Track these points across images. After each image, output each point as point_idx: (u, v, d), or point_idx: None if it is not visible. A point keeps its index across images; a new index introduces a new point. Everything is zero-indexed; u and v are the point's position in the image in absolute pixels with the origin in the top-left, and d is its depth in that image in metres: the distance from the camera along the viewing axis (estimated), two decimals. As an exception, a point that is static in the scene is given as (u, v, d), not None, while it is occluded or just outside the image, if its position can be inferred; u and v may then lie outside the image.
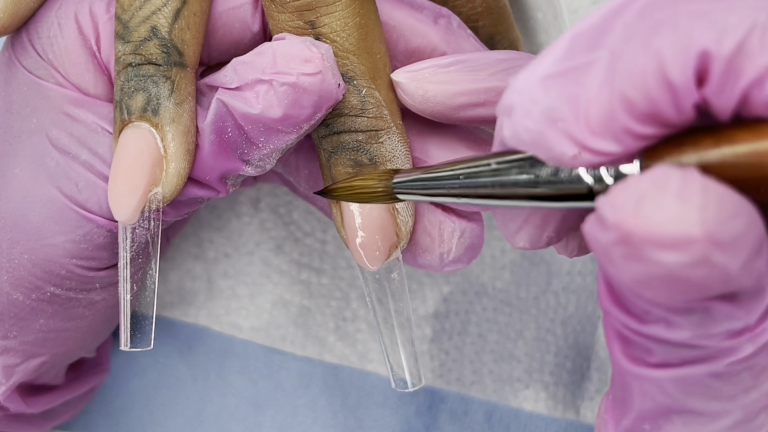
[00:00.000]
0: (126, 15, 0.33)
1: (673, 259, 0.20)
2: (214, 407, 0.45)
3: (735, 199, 0.21)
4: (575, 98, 0.24)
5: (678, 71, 0.22)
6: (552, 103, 0.24)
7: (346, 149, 0.34)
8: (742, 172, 0.22)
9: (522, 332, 0.45)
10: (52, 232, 0.34)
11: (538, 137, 0.25)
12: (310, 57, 0.31)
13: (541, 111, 0.24)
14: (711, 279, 0.21)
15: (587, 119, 0.24)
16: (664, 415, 0.26)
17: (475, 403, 0.45)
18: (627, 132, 0.24)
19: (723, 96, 0.22)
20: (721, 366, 0.24)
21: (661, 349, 0.25)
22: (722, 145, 0.22)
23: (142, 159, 0.32)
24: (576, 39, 0.25)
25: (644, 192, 0.21)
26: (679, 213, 0.20)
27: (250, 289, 0.45)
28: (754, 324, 0.24)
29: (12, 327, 0.37)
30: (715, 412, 0.25)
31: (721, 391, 0.24)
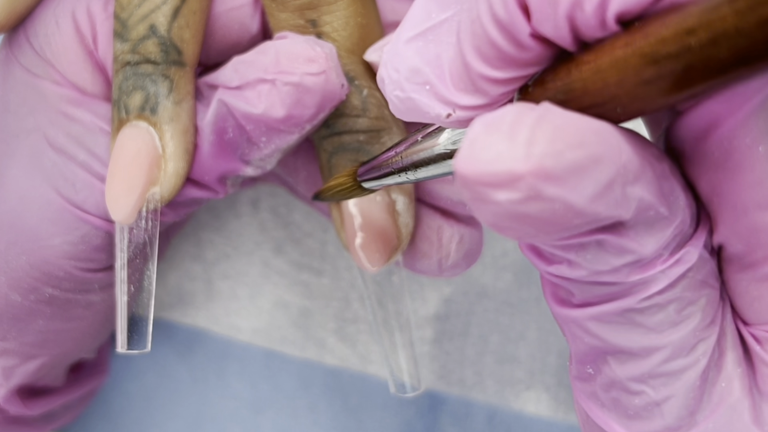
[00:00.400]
0: (125, 13, 0.32)
1: (505, 197, 0.20)
2: (214, 409, 0.45)
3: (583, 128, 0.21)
4: (437, 58, 0.24)
5: (502, 8, 0.22)
6: (414, 66, 0.24)
7: (347, 150, 0.34)
8: (592, 97, 0.22)
9: (523, 333, 0.45)
10: (49, 234, 0.34)
11: (411, 104, 0.25)
12: (313, 56, 0.31)
13: (405, 78, 0.24)
14: (557, 213, 0.21)
15: (451, 76, 0.24)
16: (599, 356, 0.26)
17: (476, 405, 0.45)
18: (486, 80, 0.23)
19: (550, 25, 0.22)
20: (635, 301, 0.24)
21: (579, 289, 0.25)
22: (572, 73, 0.23)
23: (140, 158, 0.32)
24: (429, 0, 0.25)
25: (477, 133, 0.21)
26: (504, 150, 0.20)
27: (249, 290, 0.45)
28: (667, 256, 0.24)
29: (11, 328, 0.37)
30: (644, 348, 0.25)
31: (645, 327, 0.24)
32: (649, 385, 0.25)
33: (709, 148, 0.24)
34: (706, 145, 0.24)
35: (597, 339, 0.25)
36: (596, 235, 0.23)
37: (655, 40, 0.20)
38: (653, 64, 0.21)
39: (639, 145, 0.23)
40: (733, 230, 0.24)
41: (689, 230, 0.24)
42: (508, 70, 0.23)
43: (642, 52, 0.21)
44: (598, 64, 0.22)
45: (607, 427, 0.27)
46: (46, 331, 0.37)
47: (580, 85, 0.22)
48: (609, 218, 0.22)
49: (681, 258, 0.24)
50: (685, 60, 0.20)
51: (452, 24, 0.24)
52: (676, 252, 0.24)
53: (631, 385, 0.25)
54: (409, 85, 0.24)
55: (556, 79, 0.23)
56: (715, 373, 0.25)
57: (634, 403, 0.26)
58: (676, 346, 0.25)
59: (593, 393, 0.27)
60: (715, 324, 0.25)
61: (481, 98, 0.24)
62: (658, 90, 0.21)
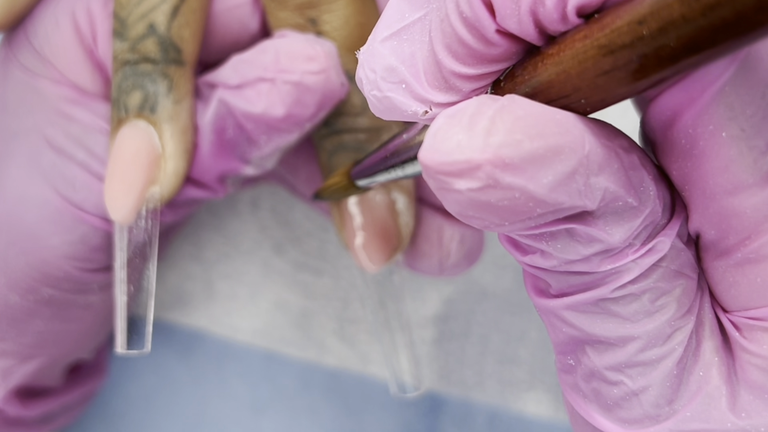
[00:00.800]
0: (124, 12, 0.32)
1: (465, 186, 0.21)
2: (214, 410, 0.45)
3: (544, 119, 0.21)
4: (411, 57, 0.25)
5: (467, 6, 0.23)
6: (389, 65, 0.25)
7: (347, 149, 0.34)
8: (557, 89, 0.23)
9: (524, 334, 0.45)
10: (48, 234, 0.34)
11: (388, 103, 0.25)
12: (313, 55, 0.31)
13: (381, 77, 0.25)
14: (518, 202, 0.21)
15: (425, 75, 0.24)
16: (578, 346, 0.26)
17: (476, 406, 0.45)
18: (458, 77, 0.24)
19: (514, 21, 0.22)
20: (608, 291, 0.24)
21: (554, 279, 0.25)
22: (538, 67, 0.23)
23: (139, 158, 0.32)
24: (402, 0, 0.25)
25: (439, 125, 0.22)
26: (463, 140, 0.21)
27: (249, 290, 0.45)
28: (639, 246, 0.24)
29: (9, 329, 0.36)
30: (620, 338, 0.25)
31: (620, 316, 0.25)
32: (626, 374, 0.25)
33: (675, 137, 0.24)
34: (672, 133, 0.24)
35: (574, 329, 0.26)
36: (564, 224, 0.23)
37: (610, 31, 0.21)
38: (609, 54, 0.21)
39: (605, 136, 0.23)
40: (705, 217, 0.25)
41: (662, 220, 0.25)
42: (478, 66, 0.24)
43: (599, 43, 0.21)
44: (560, 57, 0.22)
45: (589, 418, 0.27)
46: (44, 332, 0.37)
47: (546, 78, 0.23)
48: (573, 208, 0.22)
49: (653, 248, 0.24)
50: (638, 49, 0.20)
51: (425, 23, 0.25)
52: (648, 242, 0.24)
53: (609, 375, 0.26)
54: (385, 84, 0.25)
55: (525, 73, 0.23)
56: (692, 362, 0.25)
57: (613, 393, 0.26)
58: (652, 335, 0.25)
59: (575, 384, 0.27)
60: (691, 314, 0.25)
61: (454, 95, 0.24)
62: (616, 80, 0.21)
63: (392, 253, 0.34)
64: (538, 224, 0.23)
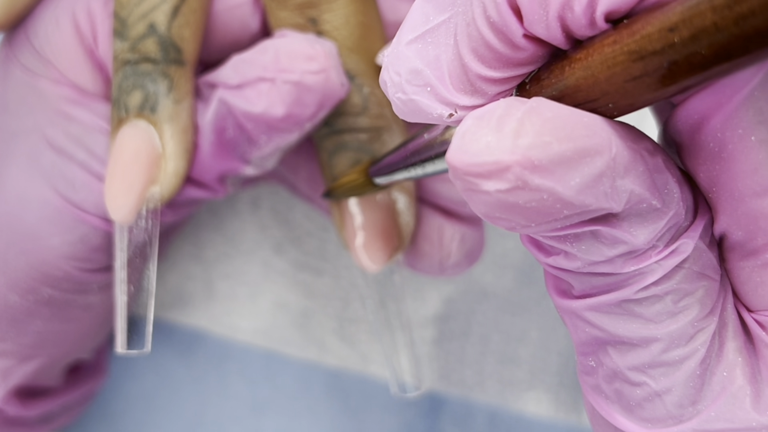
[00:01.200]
0: (124, 12, 0.32)
1: (494, 187, 0.21)
2: (214, 410, 0.45)
3: (572, 122, 0.22)
4: (436, 60, 0.25)
5: (494, 11, 0.23)
6: (414, 68, 0.25)
7: (348, 148, 0.34)
8: (584, 93, 0.23)
9: (524, 334, 0.45)
10: (48, 234, 0.34)
11: (413, 106, 0.25)
12: (313, 54, 0.31)
13: (406, 80, 0.25)
14: (546, 203, 0.21)
15: (450, 78, 0.25)
16: (600, 347, 0.26)
17: (477, 405, 0.45)
18: (484, 80, 0.24)
19: (541, 26, 0.23)
20: (631, 292, 0.25)
21: (577, 281, 0.25)
22: (565, 71, 0.23)
23: (139, 157, 0.32)
24: (427, 2, 0.25)
25: (467, 127, 0.22)
26: (492, 141, 0.21)
27: (249, 290, 0.45)
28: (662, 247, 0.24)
29: (8, 329, 0.36)
30: (643, 339, 0.25)
31: (643, 317, 0.25)
32: (649, 375, 0.25)
33: (704, 140, 0.24)
34: (700, 136, 0.24)
35: (597, 329, 0.26)
36: (589, 226, 0.23)
37: (640, 37, 0.21)
38: (639, 60, 0.21)
39: (631, 139, 0.23)
40: (733, 219, 0.25)
41: (685, 222, 0.25)
42: (504, 69, 0.24)
43: (629, 49, 0.21)
44: (588, 62, 0.22)
45: (611, 419, 0.27)
46: (44, 332, 0.37)
47: (573, 82, 0.23)
48: (599, 210, 0.22)
49: (676, 249, 0.24)
50: (668, 56, 0.21)
51: (449, 26, 0.25)
52: (671, 243, 0.24)
53: (631, 376, 0.26)
54: (410, 87, 0.25)
55: (551, 76, 0.23)
56: (715, 362, 0.26)
57: (636, 393, 0.26)
58: (675, 336, 0.25)
59: (597, 386, 0.27)
60: (713, 314, 0.25)
61: (480, 98, 0.24)
62: (645, 85, 0.21)
63: (392, 252, 0.34)
64: (563, 225, 0.23)
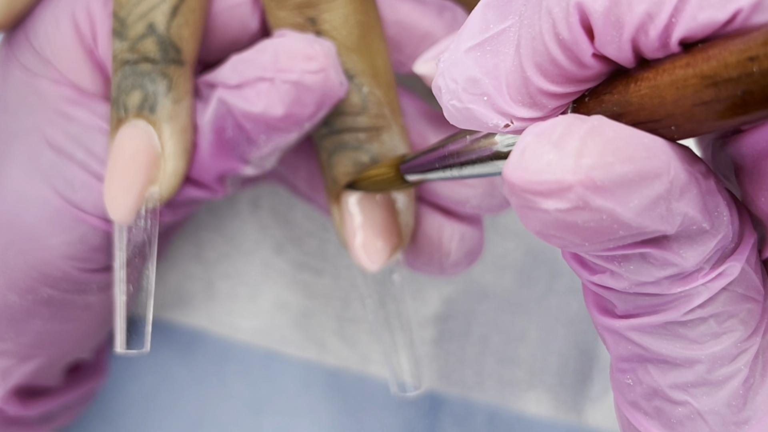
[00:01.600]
0: (123, 11, 0.32)
1: (554, 206, 0.21)
2: (214, 410, 0.45)
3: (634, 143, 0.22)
4: (495, 69, 0.25)
5: (565, 29, 0.23)
6: (472, 76, 0.25)
7: (347, 148, 0.33)
8: (648, 113, 0.23)
9: (524, 334, 0.45)
10: (47, 234, 0.34)
11: (468, 114, 0.25)
12: (312, 54, 0.31)
13: (463, 88, 0.25)
14: (604, 224, 0.21)
15: (509, 88, 0.24)
16: (640, 364, 0.26)
17: (476, 405, 0.45)
18: (544, 94, 0.24)
19: (613, 47, 0.22)
20: (678, 314, 0.24)
21: (620, 300, 0.25)
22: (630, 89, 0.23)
23: (138, 157, 0.32)
24: (487, 9, 0.25)
25: (527, 142, 0.21)
26: (554, 160, 0.21)
27: (249, 290, 0.45)
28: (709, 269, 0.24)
29: (8, 329, 0.36)
30: (686, 359, 0.25)
31: (687, 338, 0.25)
32: (691, 394, 0.25)
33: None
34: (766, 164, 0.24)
35: (639, 348, 0.26)
36: (640, 248, 0.23)
37: (716, 63, 0.21)
38: (712, 86, 0.21)
39: (687, 161, 0.23)
40: None
41: (732, 244, 0.25)
42: (566, 85, 0.24)
43: (702, 73, 0.21)
44: (657, 82, 0.22)
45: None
46: (43, 332, 0.37)
47: (637, 101, 0.23)
48: (654, 232, 0.22)
49: (723, 272, 0.24)
50: (744, 85, 0.20)
51: (510, 35, 0.25)
52: (718, 266, 0.24)
53: (673, 395, 0.26)
54: (466, 95, 0.25)
55: (614, 92, 0.23)
56: (759, 382, 0.25)
57: (677, 411, 0.26)
58: (718, 356, 0.25)
59: (635, 402, 0.27)
60: (756, 335, 0.25)
61: (538, 111, 0.24)
62: (714, 112, 0.21)
63: (392, 252, 0.34)
64: (616, 246, 0.23)
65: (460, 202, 0.35)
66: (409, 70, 0.35)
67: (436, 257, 0.35)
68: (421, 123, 0.36)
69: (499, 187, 0.35)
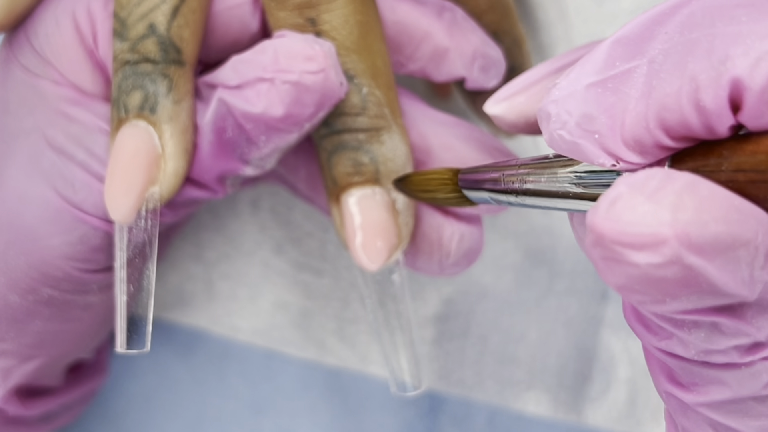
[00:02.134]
0: (124, 12, 0.32)
1: (645, 260, 0.20)
2: (214, 410, 0.45)
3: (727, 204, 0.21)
4: (612, 109, 0.24)
5: (711, 99, 0.22)
6: (588, 113, 0.24)
7: (347, 149, 0.33)
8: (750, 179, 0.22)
9: (524, 334, 0.45)
10: (47, 234, 0.34)
11: (575, 147, 0.25)
12: (312, 55, 0.31)
13: (576, 122, 0.24)
14: (690, 282, 0.21)
15: (623, 132, 0.24)
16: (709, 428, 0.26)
17: (476, 405, 0.45)
18: (661, 147, 0.24)
19: (759, 121, 0.22)
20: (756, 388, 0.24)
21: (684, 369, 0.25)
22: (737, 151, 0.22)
23: (138, 158, 0.32)
24: (616, 46, 0.25)
25: (620, 193, 0.21)
26: (650, 212, 0.20)
27: (249, 291, 0.45)
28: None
29: (8, 329, 0.36)
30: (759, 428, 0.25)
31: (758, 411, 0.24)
32: None
33: None
34: None
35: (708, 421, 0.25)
36: (715, 315, 0.23)
37: None
38: None
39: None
40: None
41: None
42: (685, 143, 0.23)
43: None
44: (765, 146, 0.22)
45: None
46: (44, 332, 0.37)
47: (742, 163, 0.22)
48: (733, 297, 0.22)
49: None
50: None
51: (635, 76, 0.24)
52: None
53: None
54: (578, 130, 0.24)
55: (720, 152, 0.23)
56: None
57: None
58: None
59: None
60: None
61: (647, 158, 0.24)
62: None
63: (392, 252, 0.34)
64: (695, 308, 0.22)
65: None
66: (409, 70, 0.35)
67: (435, 257, 0.35)
68: (421, 123, 0.36)
69: None
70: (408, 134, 0.35)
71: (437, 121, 0.35)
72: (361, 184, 0.34)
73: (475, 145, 0.35)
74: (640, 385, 0.44)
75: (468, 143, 0.35)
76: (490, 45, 0.36)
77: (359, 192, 0.34)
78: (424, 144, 0.35)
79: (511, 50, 0.38)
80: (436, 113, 0.36)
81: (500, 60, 0.36)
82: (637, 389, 0.44)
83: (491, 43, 0.36)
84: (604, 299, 0.45)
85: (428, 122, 0.35)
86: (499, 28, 0.37)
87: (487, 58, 0.36)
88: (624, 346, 0.45)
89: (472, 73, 0.36)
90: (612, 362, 0.45)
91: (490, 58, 0.36)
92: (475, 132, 0.36)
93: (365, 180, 0.34)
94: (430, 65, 0.35)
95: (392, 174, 0.34)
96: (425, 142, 0.35)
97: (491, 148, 0.35)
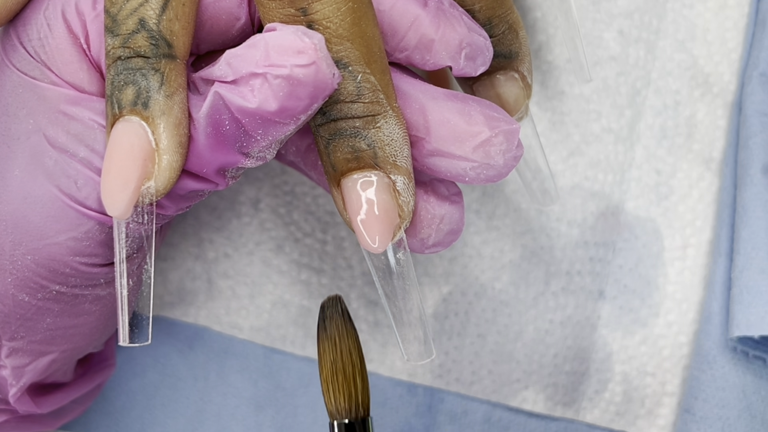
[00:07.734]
0: (114, 8, 0.32)
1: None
2: (215, 407, 0.45)
3: None
4: None
5: None
6: None
7: (344, 136, 0.33)
8: None
9: (521, 333, 0.44)
10: (53, 231, 0.34)
11: None
12: (302, 48, 0.30)
13: None
14: None
15: None
16: None
17: (474, 403, 0.44)
18: None
19: None
20: None
21: None
22: None
23: (133, 153, 0.32)
24: None
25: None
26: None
27: (250, 289, 0.45)
28: None
29: (19, 328, 0.36)
30: None
31: None
32: None
33: None
34: None
35: None
36: None
37: None
38: None
39: None
40: None
41: None
42: None
43: None
44: None
45: None
46: (54, 328, 0.36)
47: None
48: None
49: None
50: None
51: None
52: None
53: None
54: None
55: None
56: None
57: None
58: None
59: None
60: None
61: None
62: None
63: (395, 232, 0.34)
64: None
65: (459, 174, 0.34)
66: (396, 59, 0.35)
67: (417, 238, 0.35)
68: (417, 100, 0.35)
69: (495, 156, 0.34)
70: (405, 114, 0.34)
71: (433, 95, 0.34)
72: (361, 168, 0.33)
73: (469, 119, 0.34)
74: (636, 384, 0.44)
75: (464, 116, 0.34)
76: (476, 32, 0.35)
77: (359, 176, 0.33)
78: (423, 121, 0.34)
79: (507, 37, 0.37)
80: (433, 88, 0.35)
81: (487, 47, 0.35)
82: (633, 387, 0.44)
83: (478, 30, 0.35)
84: (600, 298, 0.44)
85: (425, 98, 0.34)
86: (493, 14, 0.36)
87: (473, 47, 0.34)
88: (620, 344, 0.44)
89: (459, 62, 0.35)
90: (608, 360, 0.44)
91: (477, 46, 0.35)
92: (472, 102, 0.35)
93: (364, 165, 0.33)
94: (415, 55, 0.34)
95: (390, 157, 0.33)
96: (423, 119, 0.34)
97: (489, 117, 0.34)
